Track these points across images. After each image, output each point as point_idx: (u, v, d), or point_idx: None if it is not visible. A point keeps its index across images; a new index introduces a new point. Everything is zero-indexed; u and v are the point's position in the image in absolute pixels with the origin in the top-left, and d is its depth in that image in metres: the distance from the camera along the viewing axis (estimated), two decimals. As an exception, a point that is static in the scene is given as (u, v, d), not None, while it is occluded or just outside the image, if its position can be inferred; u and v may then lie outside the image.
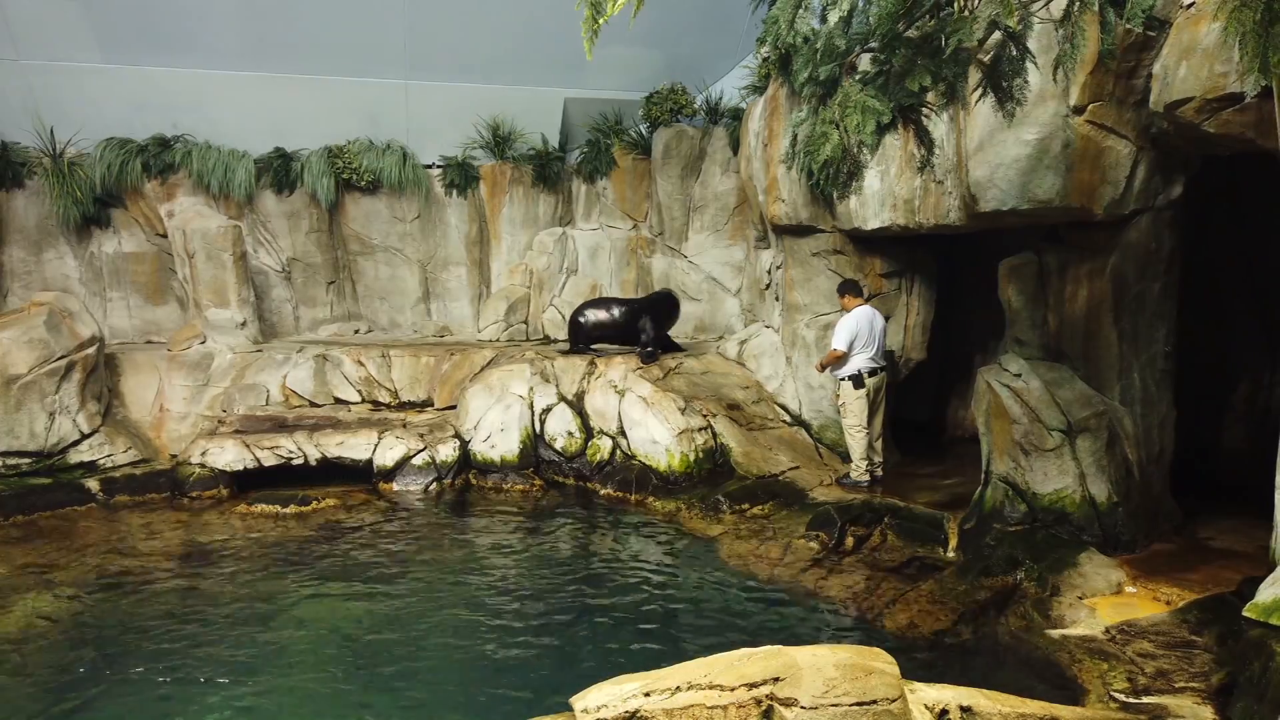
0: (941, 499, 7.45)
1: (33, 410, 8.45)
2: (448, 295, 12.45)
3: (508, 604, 6.01)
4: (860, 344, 7.69)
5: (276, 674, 5.00)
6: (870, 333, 7.72)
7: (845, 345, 7.69)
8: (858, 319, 7.72)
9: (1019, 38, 4.21)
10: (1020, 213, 6.30)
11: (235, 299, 10.38)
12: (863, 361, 7.72)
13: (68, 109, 10.48)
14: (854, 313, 7.78)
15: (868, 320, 7.75)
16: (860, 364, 7.72)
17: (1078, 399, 6.22)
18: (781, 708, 3.13)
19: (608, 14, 3.94)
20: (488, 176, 12.23)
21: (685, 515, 7.84)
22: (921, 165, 5.18)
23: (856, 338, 7.68)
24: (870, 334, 7.72)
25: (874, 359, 7.76)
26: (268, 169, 11.33)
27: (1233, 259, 7.27)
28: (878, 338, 7.79)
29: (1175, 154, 5.85)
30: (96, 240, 11.04)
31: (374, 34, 10.85)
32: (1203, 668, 4.49)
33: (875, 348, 7.76)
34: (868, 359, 7.73)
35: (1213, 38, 4.76)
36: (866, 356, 7.72)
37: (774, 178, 8.72)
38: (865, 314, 7.77)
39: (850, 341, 7.68)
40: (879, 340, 7.80)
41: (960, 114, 6.35)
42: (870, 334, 7.72)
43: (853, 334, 7.68)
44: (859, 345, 7.69)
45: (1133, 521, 6.13)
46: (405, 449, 8.88)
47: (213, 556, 7.04)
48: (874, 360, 7.76)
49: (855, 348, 7.70)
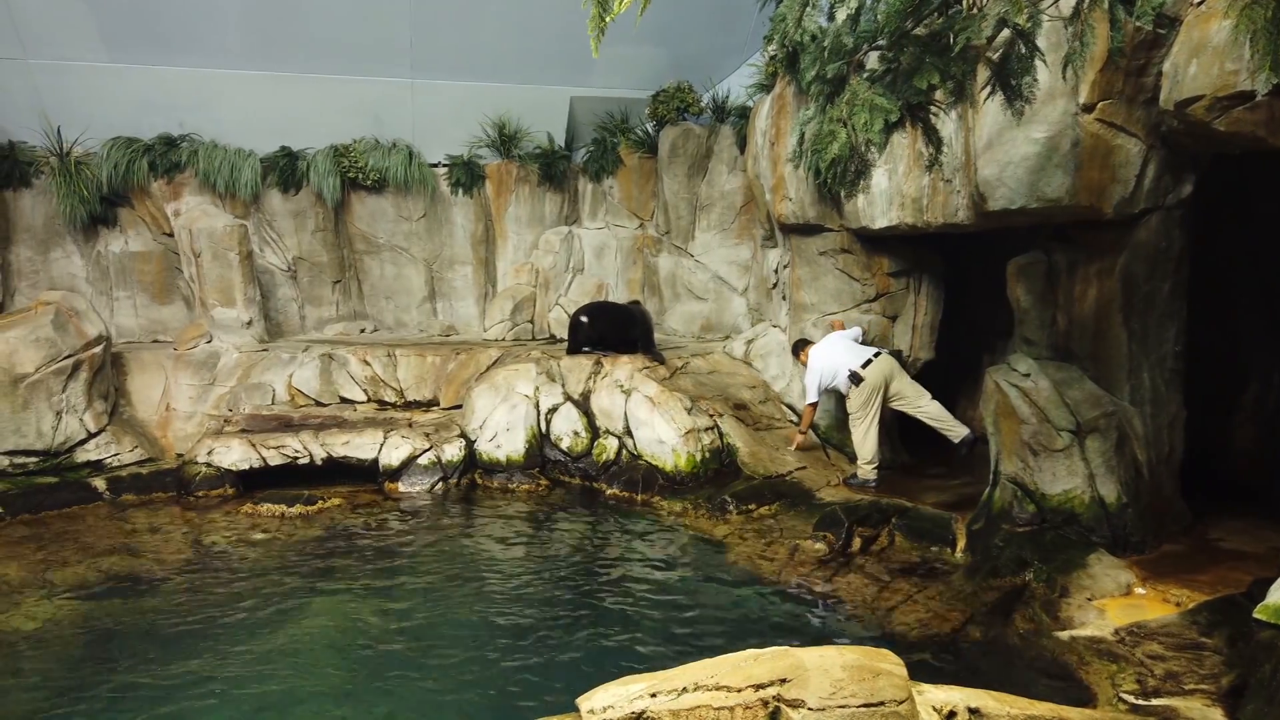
0: (949, 500, 7.42)
1: (40, 409, 8.47)
2: (453, 294, 12.44)
3: (513, 604, 6.00)
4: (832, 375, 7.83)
5: (282, 673, 5.00)
6: (836, 356, 7.83)
7: (815, 394, 8.03)
8: (815, 364, 7.93)
9: (1028, 35, 4.17)
10: (1029, 212, 6.27)
11: (241, 298, 10.39)
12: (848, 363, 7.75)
13: (74, 108, 10.49)
14: (810, 361, 8.00)
15: (827, 352, 7.90)
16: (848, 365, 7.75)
17: (1087, 399, 6.19)
18: (788, 709, 3.11)
19: (614, 12, 3.93)
20: (493, 175, 12.21)
21: (691, 515, 7.82)
22: (929, 164, 5.14)
23: (823, 375, 7.87)
24: (834, 362, 7.82)
25: (858, 357, 7.77)
26: (274, 168, 11.34)
27: (1243, 258, 7.23)
28: (846, 347, 7.87)
29: (1185, 153, 5.81)
30: (103, 239, 11.06)
31: (380, 33, 10.85)
32: (1213, 670, 4.45)
33: (850, 354, 7.80)
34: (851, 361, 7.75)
35: (1223, 35, 4.73)
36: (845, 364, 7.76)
37: (781, 176, 8.70)
38: (819, 355, 7.94)
39: (818, 388, 7.95)
40: (849, 348, 7.86)
41: (969, 112, 6.32)
42: (834, 362, 7.82)
43: (818, 377, 7.91)
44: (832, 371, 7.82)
45: (1142, 522, 6.09)
46: (411, 449, 8.88)
47: (218, 556, 7.05)
48: (859, 358, 7.77)
49: (830, 383, 7.89)
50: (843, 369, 7.76)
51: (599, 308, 10.45)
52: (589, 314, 10.04)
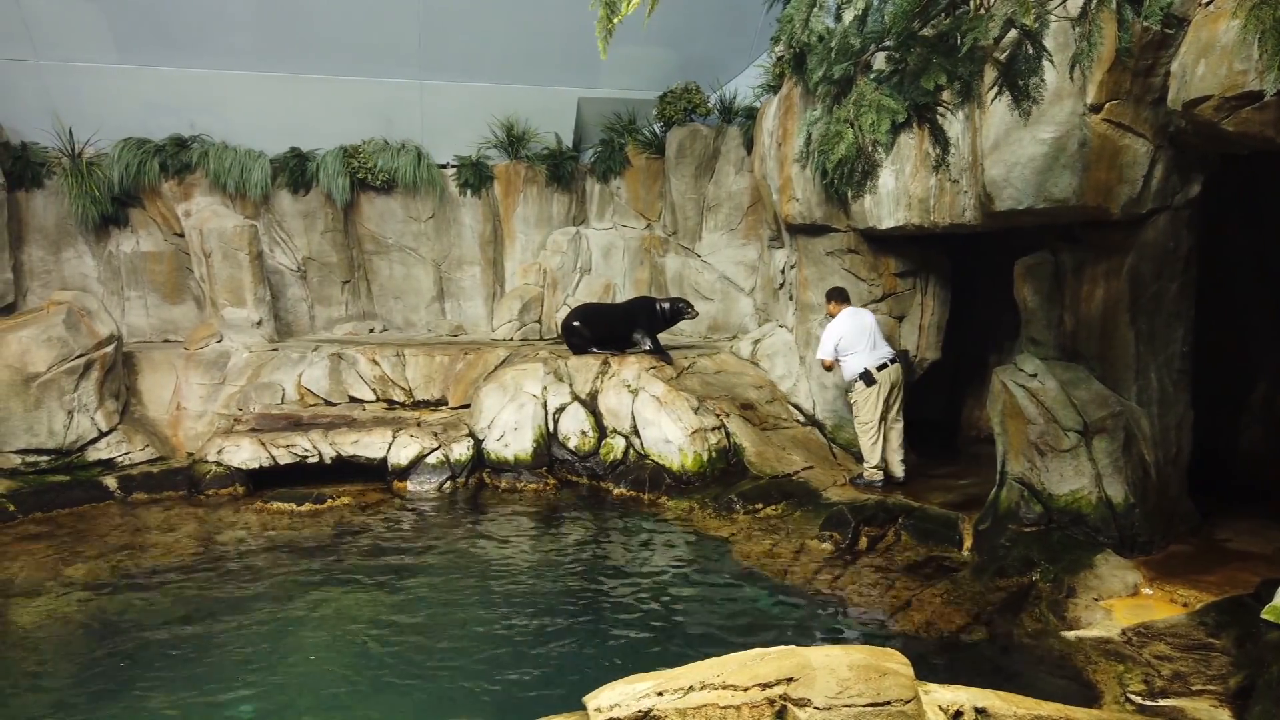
0: (956, 499, 7.41)
1: (51, 408, 8.53)
2: (462, 294, 12.48)
3: (521, 603, 6.02)
4: (850, 345, 7.70)
5: (290, 670, 5.03)
6: (859, 332, 7.70)
7: (829, 354, 7.80)
8: (839, 325, 7.77)
9: (1035, 36, 4.17)
10: (1036, 212, 6.27)
11: (251, 298, 10.44)
12: (865, 359, 7.69)
13: (86, 109, 10.56)
14: (837, 318, 7.84)
15: (852, 322, 7.75)
16: (865, 362, 7.69)
17: (1094, 399, 6.18)
18: (795, 708, 3.12)
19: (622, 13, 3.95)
20: (502, 176, 12.25)
21: (698, 515, 7.83)
22: (937, 164, 5.15)
23: (842, 342, 7.71)
24: (860, 334, 7.70)
25: (878, 353, 7.73)
26: (283, 169, 11.39)
27: (1251, 258, 7.21)
28: (871, 333, 7.75)
29: (1193, 153, 5.80)
30: (114, 240, 11.12)
31: (388, 34, 10.89)
32: (1220, 670, 4.45)
33: (872, 344, 7.73)
34: (870, 355, 7.70)
35: (1231, 35, 4.72)
36: (867, 354, 7.70)
37: (788, 177, 8.71)
38: (847, 316, 7.79)
39: (834, 350, 7.76)
40: (873, 336, 7.75)
41: (976, 113, 6.32)
42: (860, 334, 7.70)
43: (835, 340, 7.74)
44: (853, 347, 7.69)
45: (1149, 523, 6.08)
46: (419, 448, 8.92)
47: (228, 554, 7.09)
48: (878, 355, 7.73)
49: (845, 350, 7.72)
50: (863, 345, 7.69)
51: (590, 309, 10.41)
52: (580, 317, 10.05)
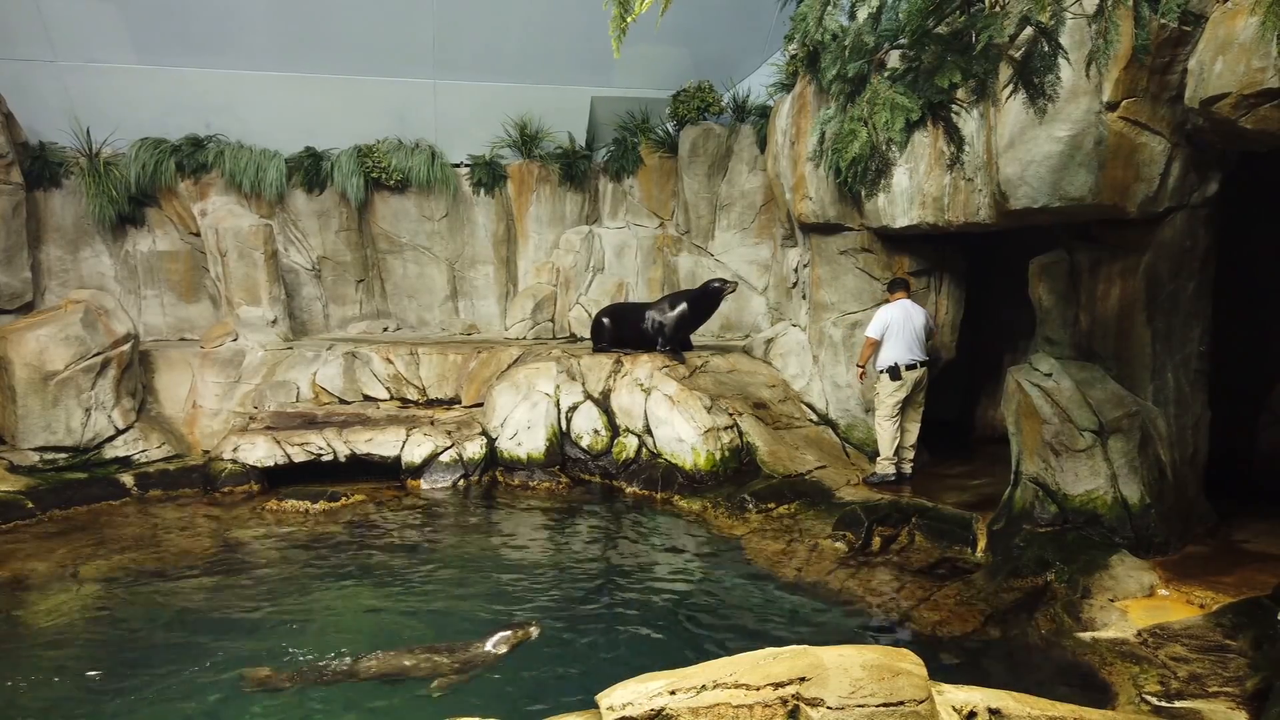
0: (970, 499, 7.38)
1: (69, 406, 8.60)
2: (475, 293, 12.52)
3: (533, 601, 6.04)
4: (892, 334, 7.70)
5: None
6: (905, 326, 7.70)
7: (876, 333, 7.78)
8: (892, 310, 7.77)
9: (1051, 33, 4.15)
10: (1051, 210, 6.23)
11: (266, 297, 10.51)
12: (899, 354, 7.69)
13: (103, 109, 10.64)
14: (890, 304, 7.85)
15: (904, 313, 7.75)
16: (897, 356, 7.69)
17: (1110, 399, 6.14)
18: (808, 708, 3.12)
19: (635, 12, 3.95)
20: (515, 175, 12.27)
21: (711, 514, 7.83)
22: (951, 163, 5.14)
23: (889, 328, 7.71)
24: (905, 327, 7.70)
25: (912, 353, 7.72)
26: (298, 168, 11.45)
27: (1270, 256, 7.14)
28: (915, 332, 7.74)
29: (1211, 150, 5.75)
30: (131, 239, 11.21)
31: (403, 34, 10.94)
32: (1236, 672, 4.42)
33: (912, 342, 7.72)
34: (904, 352, 7.69)
35: (1250, 32, 4.68)
36: (902, 349, 7.69)
37: (801, 176, 8.69)
38: (902, 307, 7.79)
39: (882, 331, 7.74)
40: (916, 336, 7.75)
41: (991, 111, 6.29)
42: (905, 327, 7.70)
43: (884, 324, 7.74)
44: (894, 336, 7.70)
45: (1165, 523, 6.04)
46: (433, 446, 8.95)
47: (244, 552, 7.14)
48: (911, 354, 7.72)
49: (888, 339, 7.72)
50: (903, 340, 7.69)
51: (620, 309, 10.46)
52: (610, 315, 10.10)
